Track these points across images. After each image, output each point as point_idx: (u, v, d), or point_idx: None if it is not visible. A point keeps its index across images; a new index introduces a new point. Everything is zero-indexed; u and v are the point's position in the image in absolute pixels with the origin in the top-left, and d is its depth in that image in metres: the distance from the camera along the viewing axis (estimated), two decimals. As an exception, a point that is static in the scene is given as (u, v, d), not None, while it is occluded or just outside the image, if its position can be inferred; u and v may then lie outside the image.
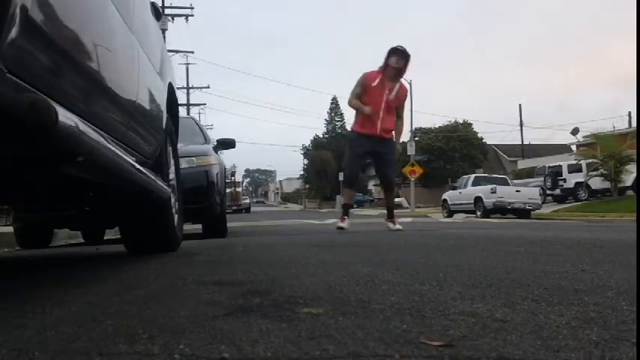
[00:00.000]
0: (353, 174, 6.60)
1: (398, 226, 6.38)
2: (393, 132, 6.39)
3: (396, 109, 6.34)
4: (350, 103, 6.38)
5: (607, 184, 20.99)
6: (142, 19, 2.63)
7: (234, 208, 33.91)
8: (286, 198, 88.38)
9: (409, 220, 15.15)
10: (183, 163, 5.21)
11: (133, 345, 1.04)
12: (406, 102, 6.64)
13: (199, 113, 44.41)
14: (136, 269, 2.52)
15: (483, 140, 43.81)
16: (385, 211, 6.71)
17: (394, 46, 6.22)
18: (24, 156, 1.55)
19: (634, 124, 29.65)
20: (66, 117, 1.35)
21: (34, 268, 3.08)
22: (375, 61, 6.67)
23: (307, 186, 64.33)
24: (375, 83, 6.18)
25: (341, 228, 6.25)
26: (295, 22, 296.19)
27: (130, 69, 2.29)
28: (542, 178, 24.53)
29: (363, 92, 6.24)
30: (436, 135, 42.53)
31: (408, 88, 6.67)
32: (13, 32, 1.17)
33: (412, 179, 27.02)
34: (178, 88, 5.08)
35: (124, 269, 2.58)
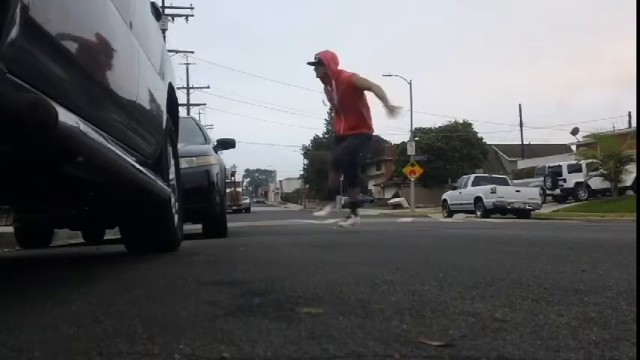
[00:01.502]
0: (339, 159, 6.32)
1: (343, 224, 6.39)
2: (361, 127, 6.25)
3: (360, 92, 6.16)
4: None
5: (607, 184, 21.00)
6: (142, 19, 2.63)
7: (234, 208, 33.84)
8: (286, 198, 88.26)
9: (409, 220, 15.16)
10: (183, 163, 5.21)
11: (133, 345, 1.04)
12: (358, 78, 6.22)
13: (199, 113, 44.30)
14: (136, 269, 2.52)
15: (483, 140, 43.74)
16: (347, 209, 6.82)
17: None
18: (24, 156, 1.55)
19: (634, 124, 29.64)
20: (66, 117, 1.35)
21: (34, 268, 3.09)
22: (374, 61, 6.60)
23: (307, 186, 64.26)
24: (326, 95, 6.41)
25: (321, 216, 6.39)
26: (295, 22, 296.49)
27: (130, 69, 2.29)
28: (542, 178, 24.51)
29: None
30: (436, 135, 42.47)
31: (351, 73, 6.27)
32: (13, 32, 1.17)
33: (412, 179, 27.03)
34: (178, 88, 5.08)
35: (124, 269, 2.58)
